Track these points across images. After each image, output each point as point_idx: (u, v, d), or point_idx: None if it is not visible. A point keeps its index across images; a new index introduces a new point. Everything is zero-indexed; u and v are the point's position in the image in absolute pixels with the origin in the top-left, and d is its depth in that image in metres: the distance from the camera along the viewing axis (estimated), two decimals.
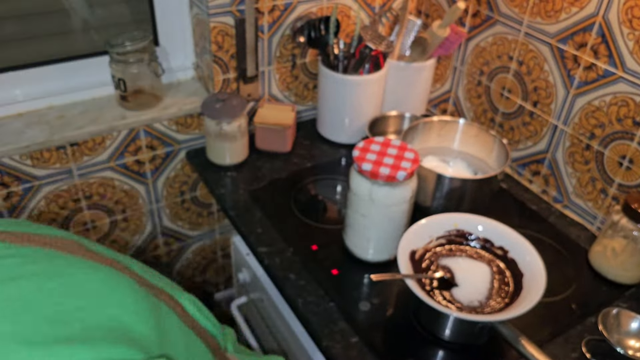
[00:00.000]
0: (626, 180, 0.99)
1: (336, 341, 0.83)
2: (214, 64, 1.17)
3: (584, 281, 0.97)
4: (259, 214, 1.07)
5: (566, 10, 1.00)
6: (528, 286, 0.81)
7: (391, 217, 0.90)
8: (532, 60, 1.09)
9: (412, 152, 0.89)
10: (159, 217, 1.35)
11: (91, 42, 1.20)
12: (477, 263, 0.88)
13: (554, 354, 0.84)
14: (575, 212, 1.10)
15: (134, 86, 1.15)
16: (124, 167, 1.21)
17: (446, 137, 1.13)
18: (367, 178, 0.86)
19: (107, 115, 1.15)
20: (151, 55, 1.15)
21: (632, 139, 0.96)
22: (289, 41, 1.23)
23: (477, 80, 1.24)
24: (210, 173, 1.18)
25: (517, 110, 1.16)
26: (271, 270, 0.95)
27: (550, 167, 1.13)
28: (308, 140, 1.30)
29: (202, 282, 1.56)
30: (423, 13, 1.34)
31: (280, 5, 1.17)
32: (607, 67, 0.96)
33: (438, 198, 1.00)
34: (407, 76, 1.24)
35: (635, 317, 0.86)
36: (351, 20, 1.28)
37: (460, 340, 0.84)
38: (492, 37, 1.16)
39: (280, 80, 1.28)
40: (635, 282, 0.96)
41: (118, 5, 1.20)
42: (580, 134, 1.05)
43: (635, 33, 0.90)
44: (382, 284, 0.93)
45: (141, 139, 1.19)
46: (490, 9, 1.15)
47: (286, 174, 1.18)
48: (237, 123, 1.14)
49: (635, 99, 0.94)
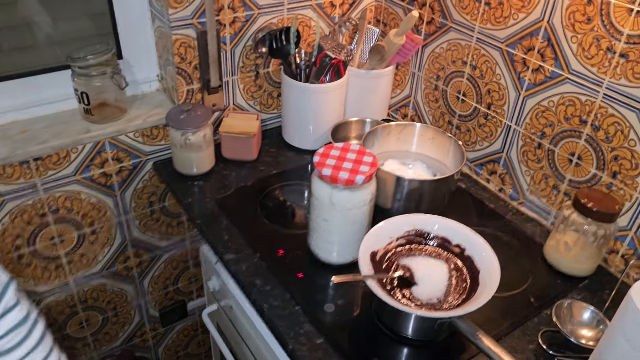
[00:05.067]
0: (576, 176, 1.04)
1: (302, 344, 0.85)
2: (178, 76, 1.19)
3: (540, 275, 1.01)
4: (225, 221, 1.08)
5: (514, 16, 1.05)
6: (484, 282, 0.85)
7: (352, 220, 0.92)
8: (485, 65, 1.14)
9: (371, 156, 0.92)
10: (129, 229, 1.35)
11: (54, 56, 1.20)
12: (435, 261, 0.91)
13: (512, 346, 0.87)
14: (531, 208, 1.15)
15: (98, 99, 1.16)
16: (91, 180, 1.22)
17: (405, 141, 1.17)
18: (328, 183, 0.89)
19: (71, 129, 1.15)
20: (114, 68, 1.16)
21: (580, 136, 1.01)
22: (251, 52, 1.25)
23: (434, 85, 1.28)
24: (177, 183, 1.19)
25: (473, 113, 1.20)
26: (238, 276, 0.97)
27: (506, 166, 1.17)
28: (274, 148, 1.32)
29: (175, 292, 1.56)
30: (381, 22, 1.38)
31: (241, 17, 1.19)
32: (553, 69, 1.01)
33: (398, 200, 1.03)
34: (368, 83, 1.28)
35: (586, 308, 0.90)
36: (311, 30, 1.31)
37: (421, 337, 0.87)
38: (447, 43, 1.21)
39: (245, 90, 1.30)
40: (587, 274, 1.00)
41: (81, 19, 1.21)
42: (532, 133, 1.09)
43: (578, 36, 0.95)
44: (346, 286, 0.96)
45: (107, 151, 1.20)
46: (444, 16, 1.19)
47: (252, 181, 1.20)
48: (202, 133, 1.16)
49: (581, 99, 0.98)
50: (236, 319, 1.13)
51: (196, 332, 1.71)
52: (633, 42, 0.88)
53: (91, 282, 1.37)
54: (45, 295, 1.31)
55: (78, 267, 1.32)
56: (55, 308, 1.34)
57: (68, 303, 1.36)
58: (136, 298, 1.49)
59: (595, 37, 0.93)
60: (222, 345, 1.18)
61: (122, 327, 1.52)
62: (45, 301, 1.32)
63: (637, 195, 0.94)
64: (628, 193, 0.96)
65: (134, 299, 1.48)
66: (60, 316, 1.37)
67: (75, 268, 1.31)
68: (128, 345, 1.57)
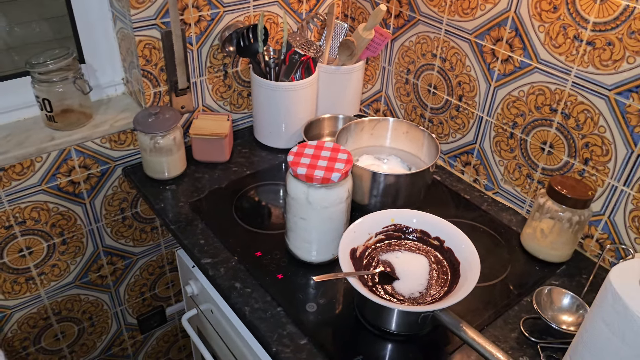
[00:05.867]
0: (549, 164, 1.05)
1: (285, 345, 0.84)
2: (144, 78, 1.15)
3: (518, 263, 1.02)
4: (200, 225, 1.06)
5: (481, 7, 1.05)
6: (465, 273, 0.85)
7: (330, 218, 0.91)
8: (455, 57, 1.14)
9: (345, 153, 0.91)
10: (100, 237, 1.32)
11: (12, 62, 1.16)
12: (415, 255, 0.91)
13: (494, 335, 0.88)
14: (506, 197, 1.16)
15: (61, 105, 1.12)
16: (58, 189, 1.18)
17: (378, 136, 1.16)
18: (303, 182, 0.88)
19: (34, 138, 1.11)
20: (76, 73, 1.12)
21: (551, 125, 1.02)
22: (218, 51, 1.23)
23: (404, 79, 1.28)
24: (149, 188, 1.16)
25: (445, 105, 1.21)
26: (216, 280, 0.95)
27: (480, 156, 1.18)
28: (246, 148, 1.30)
29: (153, 297, 1.53)
30: (349, 17, 1.37)
31: (206, 15, 1.16)
32: (522, 59, 1.02)
33: (375, 195, 1.03)
34: (338, 79, 1.27)
35: (566, 294, 0.91)
36: (279, 27, 1.29)
37: (405, 332, 0.87)
38: (416, 36, 1.21)
39: (214, 90, 1.28)
40: (564, 260, 1.01)
41: (37, 23, 1.16)
42: (504, 123, 1.10)
43: (545, 25, 0.96)
44: (327, 284, 0.95)
45: (73, 159, 1.16)
46: (412, 9, 1.19)
47: (226, 183, 1.18)
48: (172, 136, 1.13)
49: (550, 87, 0.99)
50: (218, 323, 1.11)
51: (176, 338, 1.68)
52: (599, 30, 0.89)
53: (64, 293, 1.33)
54: (17, 309, 1.27)
55: (49, 279, 1.28)
56: (27, 321, 1.30)
57: (41, 315, 1.32)
58: (112, 306, 1.45)
59: (562, 25, 0.93)
60: (204, 349, 1.16)
61: (99, 336, 1.48)
62: (17, 315, 1.27)
63: (609, 180, 0.96)
64: (600, 179, 0.97)
65: (110, 307, 1.45)
66: (33, 329, 1.32)
67: (46, 279, 1.27)
68: (107, 355, 1.53)
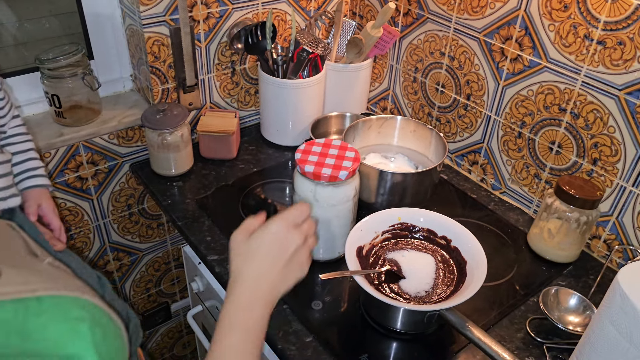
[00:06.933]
0: (557, 164, 1.05)
1: (291, 343, 0.84)
2: (152, 75, 1.16)
3: (525, 263, 1.01)
4: (207, 222, 1.06)
5: (491, 5, 1.04)
6: (471, 273, 0.85)
7: (337, 216, 0.91)
8: (463, 55, 1.13)
9: (353, 151, 0.91)
10: (107, 233, 1.32)
11: (21, 58, 1.16)
12: (421, 254, 0.91)
13: (500, 335, 0.87)
14: (513, 197, 1.15)
15: (70, 101, 1.13)
16: (65, 185, 1.18)
17: (386, 134, 1.16)
18: (310, 179, 0.88)
19: (43, 133, 1.12)
20: (85, 69, 1.13)
21: (560, 124, 1.01)
22: (226, 48, 1.23)
23: (412, 77, 1.28)
24: (156, 184, 1.16)
25: (452, 104, 1.20)
26: (222, 278, 0.95)
27: (487, 156, 1.17)
28: (253, 146, 1.30)
29: (158, 294, 1.54)
30: (357, 14, 1.36)
31: (215, 12, 1.16)
32: (532, 58, 1.01)
33: (382, 194, 1.03)
34: (346, 77, 1.26)
35: (573, 294, 0.91)
36: (287, 25, 1.29)
37: (410, 330, 0.87)
38: (424, 34, 1.20)
39: (221, 88, 1.28)
40: (571, 260, 1.01)
41: (47, 19, 1.17)
42: (512, 122, 1.09)
43: (556, 24, 0.95)
44: (333, 282, 0.95)
45: (81, 154, 1.17)
46: (421, 7, 1.18)
47: (233, 180, 1.18)
48: (180, 133, 1.13)
49: (560, 87, 0.99)
50: None
51: (181, 334, 1.69)
52: (610, 29, 0.88)
53: None
54: None
55: None
56: None
57: None
58: None
59: (572, 24, 0.93)
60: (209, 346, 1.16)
61: None
62: None
63: (617, 181, 0.95)
64: (608, 179, 0.97)
65: None
66: None
67: None
68: None
